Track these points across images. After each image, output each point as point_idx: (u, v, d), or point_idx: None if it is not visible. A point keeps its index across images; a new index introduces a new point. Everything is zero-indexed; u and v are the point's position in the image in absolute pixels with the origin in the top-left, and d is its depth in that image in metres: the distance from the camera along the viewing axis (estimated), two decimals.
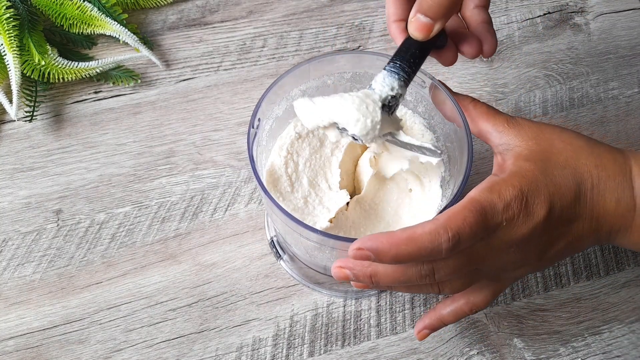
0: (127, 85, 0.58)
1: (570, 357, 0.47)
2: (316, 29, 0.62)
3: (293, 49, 0.61)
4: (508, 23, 0.64)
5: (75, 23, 0.57)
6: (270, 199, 0.37)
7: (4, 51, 0.53)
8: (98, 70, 0.56)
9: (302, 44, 0.61)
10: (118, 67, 0.58)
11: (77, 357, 0.46)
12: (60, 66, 0.55)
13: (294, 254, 0.49)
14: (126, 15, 0.59)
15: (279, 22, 0.63)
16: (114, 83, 0.58)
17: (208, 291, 0.49)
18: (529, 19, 0.64)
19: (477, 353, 0.47)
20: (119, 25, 0.57)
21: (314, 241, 0.39)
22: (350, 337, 0.47)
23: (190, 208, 0.52)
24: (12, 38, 0.53)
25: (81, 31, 0.57)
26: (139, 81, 0.58)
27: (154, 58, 0.58)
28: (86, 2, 0.57)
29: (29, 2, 0.57)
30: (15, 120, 0.55)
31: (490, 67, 0.61)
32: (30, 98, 0.56)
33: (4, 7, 0.54)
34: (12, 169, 0.54)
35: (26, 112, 0.55)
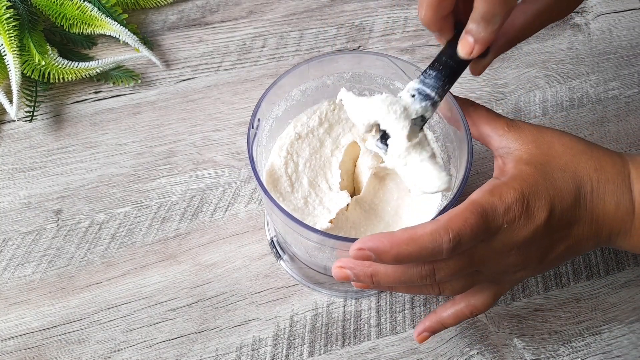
0: (127, 85, 0.58)
1: (570, 357, 0.47)
2: (316, 29, 0.62)
3: (293, 49, 0.61)
4: None
5: (75, 23, 0.57)
6: (270, 199, 0.37)
7: (4, 51, 0.53)
8: (98, 70, 0.56)
9: (302, 44, 0.61)
10: (118, 67, 0.58)
11: (77, 357, 0.46)
12: (60, 66, 0.55)
13: (294, 254, 0.49)
14: (126, 15, 0.59)
15: (279, 22, 0.63)
16: (114, 83, 0.58)
17: (208, 291, 0.49)
18: None
19: (477, 353, 0.47)
20: (119, 25, 0.57)
21: (314, 241, 0.39)
22: (350, 337, 0.47)
23: (190, 208, 0.52)
24: (12, 38, 0.53)
25: (81, 31, 0.58)
26: (139, 81, 0.58)
27: (154, 58, 0.58)
28: (86, 2, 0.57)
29: (29, 2, 0.57)
30: (15, 120, 0.55)
31: (490, 67, 0.61)
32: (30, 98, 0.56)
33: (4, 7, 0.54)
34: (12, 169, 0.54)
35: (26, 112, 0.55)
